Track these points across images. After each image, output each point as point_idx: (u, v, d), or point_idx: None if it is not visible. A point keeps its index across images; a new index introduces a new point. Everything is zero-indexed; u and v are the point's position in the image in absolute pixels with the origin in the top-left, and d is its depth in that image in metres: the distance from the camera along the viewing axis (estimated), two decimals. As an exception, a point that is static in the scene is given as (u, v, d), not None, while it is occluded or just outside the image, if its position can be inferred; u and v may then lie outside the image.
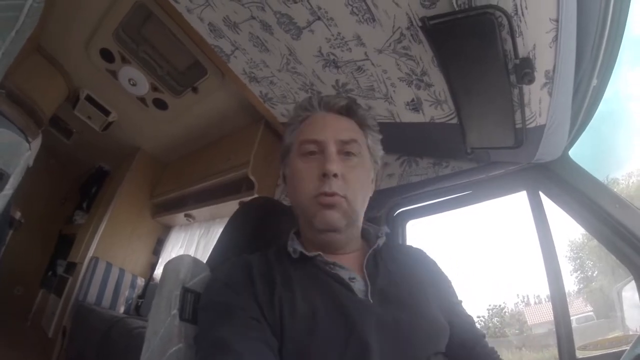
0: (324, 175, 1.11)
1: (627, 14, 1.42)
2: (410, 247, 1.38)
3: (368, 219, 1.27)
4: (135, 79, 3.21)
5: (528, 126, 1.57)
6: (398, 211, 2.34)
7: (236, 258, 1.14)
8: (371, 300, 1.04)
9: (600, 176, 1.87)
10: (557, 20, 1.24)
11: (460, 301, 1.26)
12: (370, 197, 1.23)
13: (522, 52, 1.32)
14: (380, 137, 1.30)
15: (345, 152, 1.17)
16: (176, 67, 3.15)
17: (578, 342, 1.82)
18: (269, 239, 1.35)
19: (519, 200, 1.98)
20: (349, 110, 1.26)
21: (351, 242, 1.20)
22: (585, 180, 1.84)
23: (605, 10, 1.37)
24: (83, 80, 3.59)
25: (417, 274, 1.20)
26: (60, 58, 3.40)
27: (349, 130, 1.22)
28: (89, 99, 3.69)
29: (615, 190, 1.81)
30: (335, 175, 1.11)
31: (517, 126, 1.57)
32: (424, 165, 2.11)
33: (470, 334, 1.19)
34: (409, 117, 1.78)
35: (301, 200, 1.14)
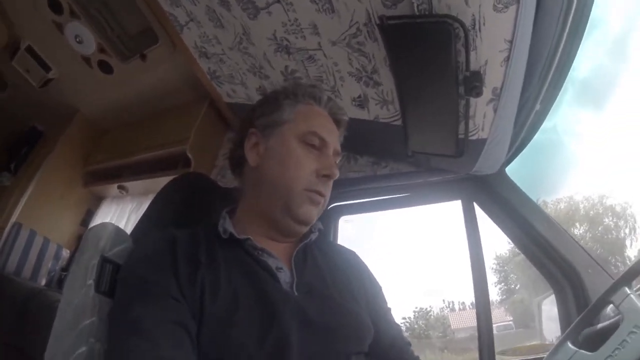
0: (325, 176, 1.11)
1: (577, 50, 1.46)
2: (344, 247, 1.37)
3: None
4: (82, 37, 2.98)
5: (470, 138, 1.58)
6: (332, 205, 2.30)
7: (162, 232, 1.07)
8: (296, 293, 1.01)
9: (531, 197, 1.92)
10: (511, 42, 1.25)
11: (390, 308, 1.25)
12: None
13: (473, 66, 1.32)
14: None
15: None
16: (127, 30, 2.95)
17: (497, 347, 1.88)
18: (198, 217, 1.28)
19: (455, 208, 2.01)
20: (341, 125, 1.28)
21: None
22: (519, 196, 1.89)
23: (558, 41, 1.38)
24: (25, 29, 3.27)
25: (347, 274, 1.18)
26: (3, 1, 3.14)
27: (338, 142, 1.24)
28: (30, 50, 3.37)
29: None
30: (331, 180, 1.13)
31: (460, 136, 1.57)
32: (363, 163, 2.10)
33: (397, 342, 1.18)
34: (353, 113, 1.74)
35: (289, 185, 1.10)
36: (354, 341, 1.02)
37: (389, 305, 1.25)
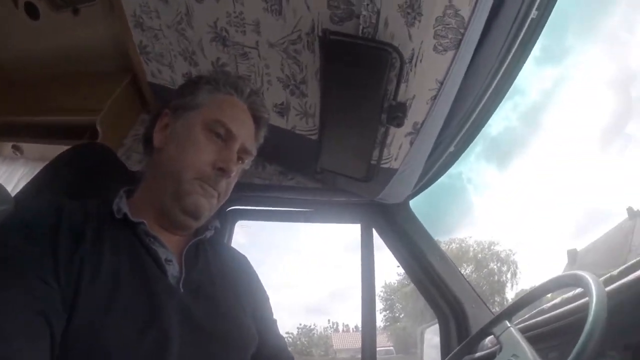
0: (220, 169, 1.05)
1: (496, 107, 1.56)
2: (236, 251, 1.34)
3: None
4: (13, -32, 2.74)
5: (382, 165, 1.62)
6: (231, 208, 2.24)
7: (49, 198, 1.00)
8: (182, 290, 0.96)
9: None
10: (441, 83, 1.31)
11: (275, 320, 1.23)
12: None
13: (401, 97, 1.36)
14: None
15: (239, 158, 1.14)
16: (67, -24, 2.75)
17: None
18: (94, 192, 1.18)
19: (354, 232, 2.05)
20: (260, 124, 1.24)
21: None
22: (417, 229, 1.98)
23: (483, 93, 1.47)
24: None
25: (237, 279, 1.15)
26: None
27: (252, 140, 1.19)
28: (-53, -22, 3.10)
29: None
30: (227, 177, 1.08)
31: (372, 162, 1.61)
32: (270, 171, 2.07)
33: (282, 355, 1.17)
34: (272, 119, 1.68)
35: (181, 171, 1.04)
36: (236, 349, 1.00)
37: (274, 317, 1.24)
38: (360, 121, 1.49)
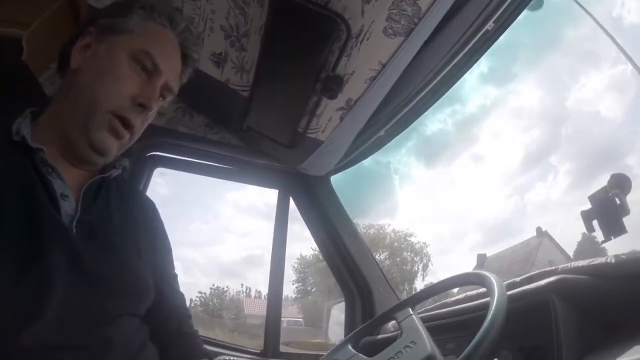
0: (141, 105, 0.95)
1: (432, 104, 1.60)
2: (145, 196, 1.24)
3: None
4: None
5: (308, 135, 1.59)
6: (151, 153, 2.08)
7: None
8: (74, 230, 0.87)
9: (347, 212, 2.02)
10: (384, 66, 1.28)
11: (176, 275, 1.17)
12: None
13: (339, 71, 1.33)
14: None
15: (160, 94, 1.03)
16: None
17: (285, 338, 1.94)
18: None
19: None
20: (188, 63, 1.12)
21: None
22: (335, 206, 1.98)
23: (424, 86, 1.46)
24: None
25: (140, 225, 1.06)
26: None
27: (176, 78, 1.08)
28: None
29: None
30: (146, 113, 0.98)
31: (299, 130, 1.57)
32: (197, 122, 1.96)
33: (179, 311, 1.12)
34: (207, 67, 1.62)
35: (97, 100, 0.92)
36: (128, 300, 0.92)
37: (175, 272, 1.17)
38: (294, 86, 1.44)
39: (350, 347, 1.17)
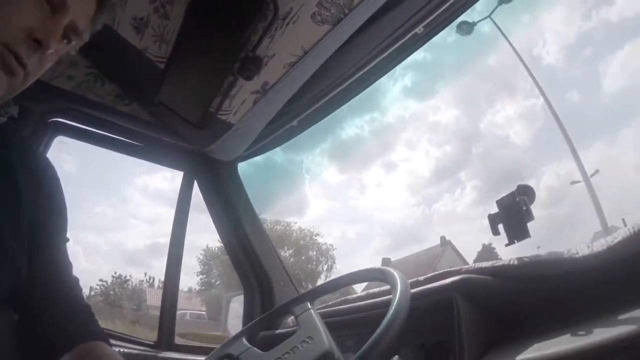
0: (37, 41, 0.78)
1: (344, 103, 1.60)
2: (44, 157, 1.07)
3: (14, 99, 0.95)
4: None
5: (219, 116, 1.52)
6: (54, 119, 1.87)
7: None
8: None
9: (254, 206, 1.97)
10: (306, 53, 1.25)
11: (67, 239, 1.00)
12: (36, 84, 0.91)
13: (260, 52, 1.28)
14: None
15: (64, 35, 0.85)
16: None
17: (186, 330, 1.84)
18: None
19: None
20: (103, 7, 0.93)
21: None
22: (240, 195, 1.91)
23: (342, 81, 1.45)
24: None
25: (27, 187, 0.91)
26: None
27: (86, 22, 0.90)
28: None
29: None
30: (43, 52, 0.80)
31: (210, 110, 1.50)
32: (108, 90, 1.79)
33: (69, 292, 0.96)
34: (126, 32, 1.49)
35: None
36: None
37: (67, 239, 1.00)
38: (212, 62, 1.36)
39: (244, 340, 1.14)
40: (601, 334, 0.81)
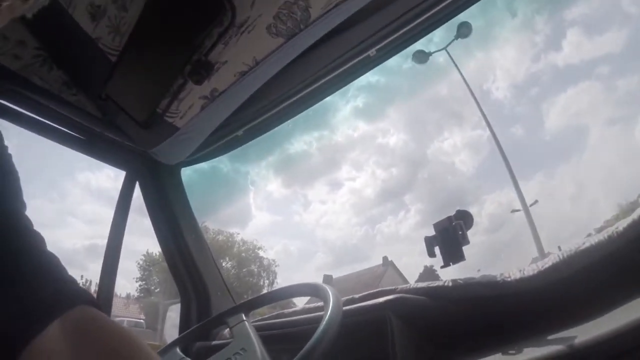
0: None
1: (294, 115, 1.59)
2: None
3: None
4: None
5: (165, 118, 1.48)
6: None
7: None
8: None
9: (197, 214, 1.92)
10: (257, 64, 1.24)
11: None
12: None
13: (212, 57, 1.26)
14: None
15: None
16: None
17: None
18: None
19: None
20: None
21: None
22: (181, 201, 1.86)
23: (292, 94, 1.45)
24: None
25: None
26: None
27: None
28: None
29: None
30: None
31: (158, 110, 1.46)
32: (56, 77, 1.68)
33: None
34: (80, 17, 1.42)
35: None
36: None
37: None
38: (164, 62, 1.34)
39: (178, 350, 1.14)
40: (531, 354, 0.86)
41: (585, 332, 0.83)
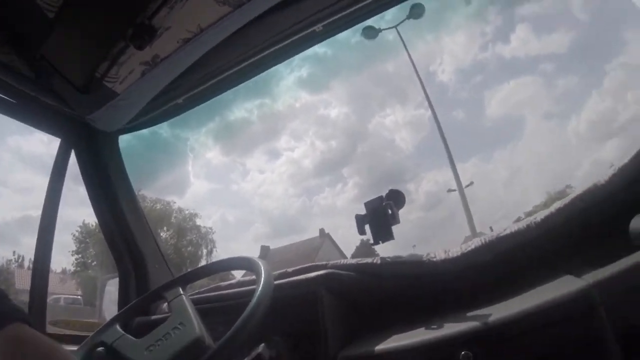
0: None
1: (235, 86, 1.59)
2: None
3: None
4: None
5: (104, 82, 1.42)
6: None
7: None
8: None
9: (133, 182, 1.86)
10: (201, 31, 1.24)
11: None
12: None
13: (156, 22, 1.22)
14: None
15: None
16: None
17: (59, 317, 1.64)
18: None
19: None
20: None
21: None
22: (118, 170, 1.80)
23: (235, 64, 1.46)
24: None
25: None
26: None
27: None
28: None
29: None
30: None
31: (96, 75, 1.40)
32: None
33: None
34: None
35: None
36: None
37: None
38: (105, 24, 1.27)
39: (118, 327, 1.12)
40: (452, 328, 0.94)
41: (500, 311, 0.92)
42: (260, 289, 0.92)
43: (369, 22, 1.39)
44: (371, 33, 10.92)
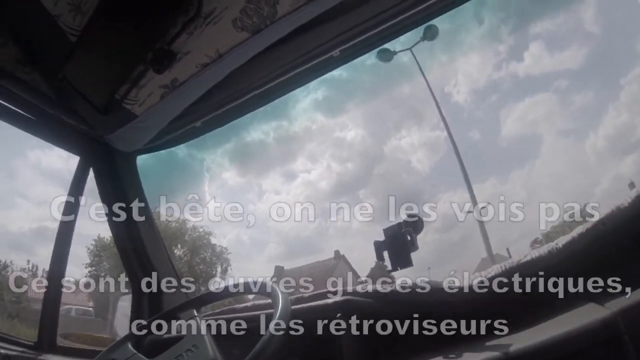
0: None
1: (252, 110, 1.59)
2: None
3: None
4: None
5: (124, 104, 1.44)
6: None
7: None
8: None
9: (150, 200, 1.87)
10: (220, 57, 1.25)
11: None
12: None
13: (175, 47, 1.24)
14: None
15: None
16: None
17: (68, 329, 1.66)
18: None
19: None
20: None
21: None
22: (135, 188, 1.80)
23: (253, 89, 1.45)
24: None
25: None
26: None
27: None
28: None
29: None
30: None
31: (116, 97, 1.41)
32: (10, 53, 1.44)
33: None
34: None
35: None
36: None
37: None
38: (126, 47, 1.29)
39: (130, 345, 1.11)
40: (470, 358, 0.92)
41: (521, 340, 0.89)
42: (277, 315, 0.92)
43: (384, 44, 1.38)
44: (386, 55, 10.90)
